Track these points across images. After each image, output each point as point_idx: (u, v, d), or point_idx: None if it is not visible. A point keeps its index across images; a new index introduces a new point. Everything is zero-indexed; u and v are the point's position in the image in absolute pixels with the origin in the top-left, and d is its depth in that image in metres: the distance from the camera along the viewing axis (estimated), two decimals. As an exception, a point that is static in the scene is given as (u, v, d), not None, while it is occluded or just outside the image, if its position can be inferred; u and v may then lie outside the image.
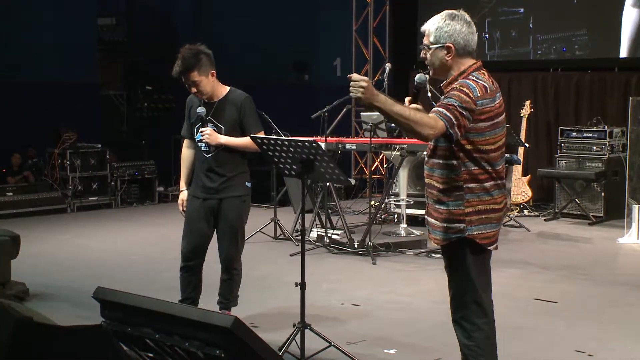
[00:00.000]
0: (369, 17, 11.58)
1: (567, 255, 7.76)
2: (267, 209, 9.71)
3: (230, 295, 5.22)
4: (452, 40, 3.62)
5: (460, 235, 3.61)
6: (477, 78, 3.58)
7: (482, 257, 3.71)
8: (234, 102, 5.06)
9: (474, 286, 3.67)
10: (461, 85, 3.53)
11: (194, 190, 5.14)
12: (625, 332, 5.33)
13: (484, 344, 3.68)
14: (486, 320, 3.70)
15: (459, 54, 3.62)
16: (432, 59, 3.68)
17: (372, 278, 6.81)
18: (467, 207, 3.59)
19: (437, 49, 3.65)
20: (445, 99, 3.52)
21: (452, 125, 3.43)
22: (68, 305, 5.93)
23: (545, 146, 10.61)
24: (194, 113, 5.08)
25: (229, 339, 2.57)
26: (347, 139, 8.67)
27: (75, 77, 11.73)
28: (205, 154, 5.05)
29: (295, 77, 13.18)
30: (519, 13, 10.75)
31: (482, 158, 3.59)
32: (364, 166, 11.58)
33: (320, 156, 4.35)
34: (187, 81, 4.96)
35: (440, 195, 3.65)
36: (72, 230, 9.16)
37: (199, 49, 5.00)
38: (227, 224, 5.09)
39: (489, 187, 3.62)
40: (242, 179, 5.11)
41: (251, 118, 5.07)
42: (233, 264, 5.18)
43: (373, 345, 5.02)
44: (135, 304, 2.85)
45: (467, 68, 3.62)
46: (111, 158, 11.18)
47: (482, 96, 3.52)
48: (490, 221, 3.64)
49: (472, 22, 3.69)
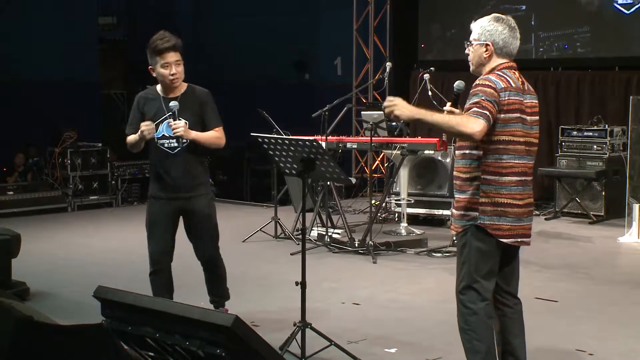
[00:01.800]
0: (369, 16, 11.57)
1: (568, 254, 7.76)
2: (267, 208, 9.71)
3: (219, 290, 5.23)
4: (492, 40, 3.84)
5: (473, 222, 3.78)
6: (504, 74, 3.77)
7: (490, 247, 3.81)
8: (196, 97, 4.97)
9: (472, 272, 3.81)
10: (484, 79, 3.74)
11: (154, 191, 4.99)
12: (625, 331, 5.33)
13: (480, 329, 3.79)
14: (482, 305, 3.80)
15: (496, 53, 3.84)
16: (473, 55, 3.90)
17: (373, 277, 6.81)
18: (482, 197, 3.76)
19: (478, 46, 3.87)
20: (471, 98, 3.70)
21: (484, 115, 3.61)
22: (68, 304, 5.93)
23: (546, 145, 10.58)
24: (148, 110, 4.92)
25: (229, 338, 2.57)
26: (347, 138, 8.66)
27: (76, 76, 11.75)
28: (170, 150, 4.89)
29: (296, 76, 13.18)
30: (521, 10, 10.74)
31: (504, 150, 3.74)
32: (364, 165, 11.58)
33: (321, 155, 4.35)
34: (171, 59, 4.81)
35: (462, 184, 3.83)
36: (72, 230, 9.17)
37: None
38: (203, 222, 5.02)
39: (508, 181, 3.76)
40: (206, 175, 5.09)
41: (214, 112, 4.99)
42: (215, 261, 5.17)
43: (374, 344, 5.02)
44: (136, 303, 2.85)
45: (498, 65, 3.82)
46: (112, 157, 11.18)
47: (506, 88, 3.71)
48: (506, 214, 3.78)
49: (517, 28, 3.91)
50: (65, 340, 2.81)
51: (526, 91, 3.82)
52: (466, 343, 3.84)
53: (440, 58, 11.27)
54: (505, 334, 4.00)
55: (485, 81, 3.72)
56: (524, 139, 3.78)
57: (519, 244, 3.88)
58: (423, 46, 11.60)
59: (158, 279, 5.05)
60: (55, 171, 10.62)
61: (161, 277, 5.05)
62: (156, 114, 4.90)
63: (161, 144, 4.90)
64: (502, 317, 4.00)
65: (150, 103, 4.96)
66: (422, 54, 11.55)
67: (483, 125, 3.60)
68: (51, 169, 10.66)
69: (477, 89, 3.71)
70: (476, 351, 3.80)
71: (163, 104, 4.91)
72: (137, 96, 5.07)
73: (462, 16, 11.17)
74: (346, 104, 8.57)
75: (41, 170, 10.76)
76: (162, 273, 5.05)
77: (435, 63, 9.61)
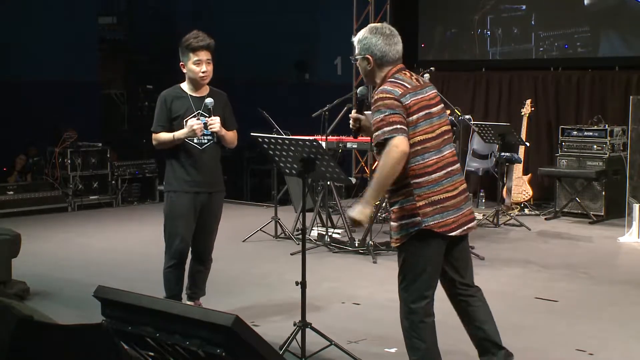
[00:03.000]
0: (369, 16, 11.57)
1: (568, 254, 7.76)
2: (267, 207, 9.71)
3: (203, 285, 5.36)
4: (370, 52, 3.92)
5: (417, 227, 3.80)
6: (396, 79, 3.86)
7: (436, 247, 3.88)
8: (219, 98, 5.16)
9: (417, 274, 3.86)
10: (380, 92, 3.82)
11: (180, 185, 5.11)
12: (626, 331, 5.33)
13: (419, 328, 3.88)
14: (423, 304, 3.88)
15: (377, 64, 3.93)
16: (360, 69, 4.05)
17: (373, 277, 6.81)
18: (419, 201, 3.80)
19: (361, 60, 3.98)
20: (375, 114, 3.79)
21: (395, 130, 3.69)
22: (69, 304, 5.93)
23: (546, 145, 10.61)
24: (177, 107, 5.08)
25: (229, 338, 2.57)
26: (347, 138, 8.65)
27: (76, 76, 11.74)
28: (198, 146, 5.08)
29: (296, 76, 13.18)
30: (521, 10, 10.75)
31: (424, 149, 3.81)
32: (364, 165, 11.58)
33: (321, 155, 4.35)
34: (203, 57, 5.01)
35: (393, 196, 3.88)
36: (72, 229, 9.17)
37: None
38: (214, 218, 5.23)
39: (437, 177, 3.83)
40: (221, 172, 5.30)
41: (232, 115, 5.25)
42: (210, 257, 5.33)
43: (374, 344, 5.02)
44: (136, 303, 2.84)
45: (386, 74, 3.92)
46: (112, 157, 11.17)
47: (403, 93, 3.79)
48: (446, 209, 3.84)
49: (393, 33, 3.96)
50: (65, 340, 2.81)
51: (423, 85, 3.92)
52: (407, 340, 3.94)
53: (440, 58, 11.27)
54: (475, 323, 4.08)
55: (382, 94, 3.80)
56: (437, 132, 3.87)
57: (465, 232, 3.96)
58: (423, 46, 11.60)
59: (178, 272, 5.17)
60: (55, 171, 10.61)
61: (180, 271, 5.19)
62: (187, 112, 5.07)
63: (190, 139, 5.06)
64: (468, 308, 4.07)
65: (178, 101, 5.10)
66: (422, 54, 11.55)
67: (401, 139, 3.70)
68: (51, 168, 10.66)
69: (378, 104, 3.79)
70: (416, 348, 3.90)
71: (191, 102, 5.08)
72: (162, 94, 5.18)
73: (462, 16, 11.19)
74: (346, 104, 8.57)
75: (41, 170, 10.75)
76: (181, 266, 5.18)
77: (435, 63, 9.60)
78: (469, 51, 11.04)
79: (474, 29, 11.02)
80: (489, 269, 7.06)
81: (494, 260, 7.36)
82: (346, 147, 8.50)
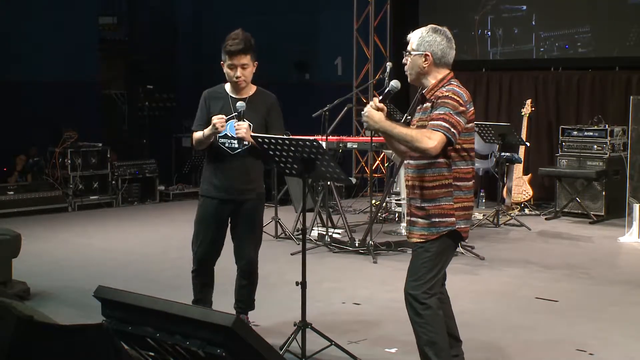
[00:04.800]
0: (370, 16, 11.57)
1: (568, 254, 7.76)
2: (268, 208, 9.68)
3: (249, 299, 5.18)
4: (431, 50, 3.95)
5: (451, 228, 3.92)
6: (459, 85, 3.95)
7: (455, 248, 4.08)
8: (264, 101, 4.95)
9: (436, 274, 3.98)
10: (451, 92, 3.86)
11: (208, 190, 4.94)
12: (626, 331, 5.33)
13: (434, 321, 3.95)
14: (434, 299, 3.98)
15: (435, 63, 3.96)
16: (411, 65, 4.03)
17: (373, 277, 6.81)
18: (456, 203, 3.93)
19: (417, 56, 3.98)
20: (439, 108, 3.83)
21: (448, 130, 3.78)
22: (69, 304, 5.93)
23: (546, 145, 10.61)
24: (214, 107, 4.88)
25: (230, 338, 2.57)
26: (348, 138, 8.66)
27: (76, 76, 11.73)
28: (230, 150, 4.84)
29: (296, 76, 13.18)
30: (522, 10, 10.75)
31: (468, 157, 3.96)
32: (365, 165, 11.58)
33: (321, 155, 4.35)
34: (237, 62, 4.79)
35: (430, 193, 3.94)
36: (73, 229, 9.17)
37: (250, 36, 4.89)
38: (247, 227, 4.96)
39: (470, 186, 4.00)
40: (261, 180, 5.01)
41: (278, 121, 4.96)
42: (253, 267, 5.09)
43: (374, 345, 5.02)
44: (136, 303, 2.85)
45: (446, 76, 3.97)
46: (112, 157, 11.17)
47: (468, 100, 3.90)
48: (467, 217, 4.01)
49: (452, 39, 4.02)
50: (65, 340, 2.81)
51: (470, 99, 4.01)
52: (423, 336, 3.95)
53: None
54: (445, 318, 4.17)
55: (452, 94, 3.85)
56: (472, 145, 4.03)
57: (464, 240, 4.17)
58: (423, 46, 11.59)
59: (201, 278, 5.05)
60: (55, 171, 10.61)
61: (203, 277, 5.05)
62: (221, 112, 4.82)
63: (222, 142, 4.85)
64: (442, 304, 4.16)
65: (216, 100, 4.91)
66: (423, 54, 11.54)
67: (440, 139, 3.76)
68: (51, 169, 10.66)
69: (446, 101, 3.83)
70: (433, 342, 3.94)
71: (230, 103, 4.86)
72: (205, 93, 5.00)
73: (462, 16, 11.18)
74: (346, 104, 8.57)
75: (41, 171, 10.75)
76: (204, 273, 5.04)
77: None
78: (470, 51, 11.03)
79: (475, 29, 11.02)
80: (489, 269, 7.07)
81: (494, 260, 7.36)
82: (346, 147, 8.51)
